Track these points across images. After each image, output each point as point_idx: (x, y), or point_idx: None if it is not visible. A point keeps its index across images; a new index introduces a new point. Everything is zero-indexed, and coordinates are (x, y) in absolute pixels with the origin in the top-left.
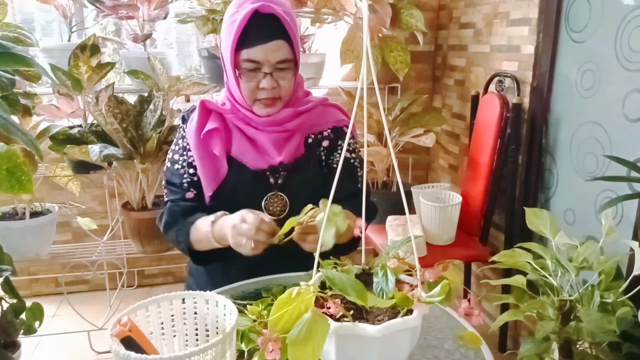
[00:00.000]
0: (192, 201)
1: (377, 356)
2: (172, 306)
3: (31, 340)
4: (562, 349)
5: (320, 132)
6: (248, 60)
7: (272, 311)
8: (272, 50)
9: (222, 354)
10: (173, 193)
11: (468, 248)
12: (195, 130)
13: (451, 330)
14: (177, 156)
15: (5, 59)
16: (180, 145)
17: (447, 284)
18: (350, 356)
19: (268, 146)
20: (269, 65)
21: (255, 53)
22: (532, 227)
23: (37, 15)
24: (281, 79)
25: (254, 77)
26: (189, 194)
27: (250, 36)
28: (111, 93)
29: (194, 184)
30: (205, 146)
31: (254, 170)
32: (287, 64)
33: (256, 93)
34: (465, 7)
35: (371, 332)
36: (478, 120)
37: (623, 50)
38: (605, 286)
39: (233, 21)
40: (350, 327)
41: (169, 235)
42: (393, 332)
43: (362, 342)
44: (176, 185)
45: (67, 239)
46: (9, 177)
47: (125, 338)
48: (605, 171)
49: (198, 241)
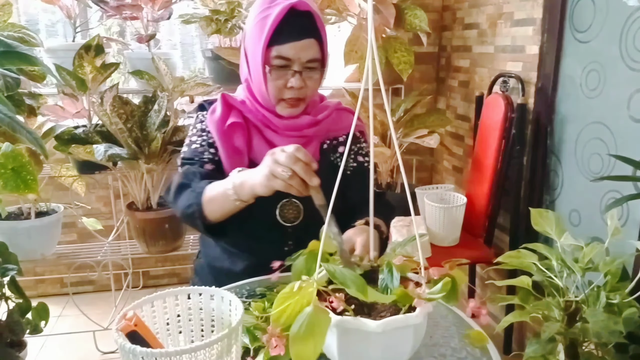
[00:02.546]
0: (211, 172)
1: (378, 352)
2: (178, 302)
3: (37, 340)
4: (568, 350)
5: (336, 137)
6: (278, 57)
7: (275, 305)
8: (303, 48)
9: (228, 349)
10: (190, 164)
11: (473, 249)
12: (219, 121)
13: (457, 329)
14: (195, 137)
15: (11, 58)
16: (198, 128)
17: (449, 282)
18: (351, 351)
19: None
20: (299, 64)
21: (286, 50)
22: (537, 228)
23: (41, 16)
24: (309, 79)
25: (283, 75)
26: (208, 165)
27: (284, 32)
28: (116, 93)
29: (214, 161)
30: (229, 138)
31: None
32: (316, 64)
33: (283, 92)
34: (469, 7)
35: (372, 327)
36: (482, 121)
37: (628, 50)
38: (611, 287)
39: (266, 16)
40: (352, 322)
41: (180, 200)
42: (394, 328)
43: (363, 337)
44: (194, 159)
45: (72, 239)
46: (15, 176)
47: (131, 332)
48: (610, 172)
49: (211, 200)
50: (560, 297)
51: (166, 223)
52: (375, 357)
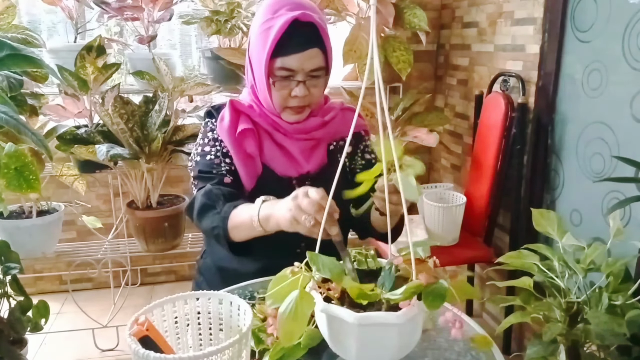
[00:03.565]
0: (230, 187)
1: (359, 344)
2: (187, 305)
3: (37, 338)
4: (570, 351)
5: (343, 138)
6: (282, 69)
7: (270, 287)
8: (307, 58)
9: (239, 353)
10: (209, 179)
11: (472, 249)
12: (229, 129)
13: (462, 333)
14: (208, 148)
15: (17, 61)
16: (210, 137)
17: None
18: (336, 338)
19: (297, 154)
20: (303, 74)
21: (290, 61)
22: (539, 228)
23: (43, 16)
24: (313, 87)
25: (287, 86)
26: (227, 179)
27: (287, 44)
28: (117, 94)
29: (231, 172)
30: (240, 145)
31: (281, 177)
32: (320, 72)
33: (288, 101)
34: (468, 6)
35: (349, 318)
36: (482, 120)
37: (631, 49)
38: (614, 288)
39: (268, 27)
40: (334, 310)
41: (204, 220)
42: (372, 324)
43: (345, 327)
44: (212, 173)
45: (71, 237)
46: (18, 176)
47: (143, 337)
48: (612, 172)
49: (236, 227)
50: (561, 298)
51: (166, 221)
52: (355, 348)
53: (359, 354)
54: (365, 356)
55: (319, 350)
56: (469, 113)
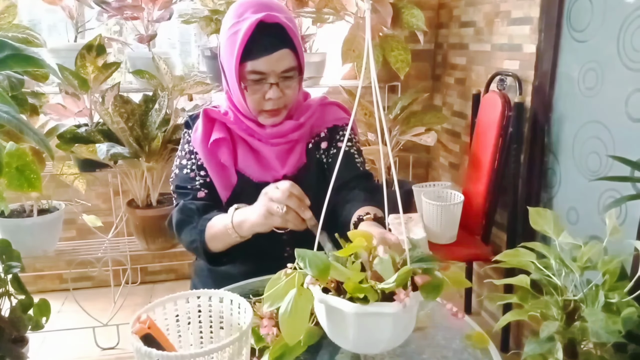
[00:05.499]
0: (204, 200)
1: (356, 333)
2: (188, 304)
3: (38, 336)
4: (567, 349)
5: (318, 134)
6: (253, 72)
7: (266, 289)
8: (277, 60)
9: (239, 351)
10: (184, 195)
11: (470, 247)
12: (202, 140)
13: (459, 330)
14: (185, 161)
15: (18, 61)
16: (187, 150)
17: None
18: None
19: (272, 159)
20: (275, 76)
21: (260, 65)
22: (536, 226)
23: (43, 16)
24: (287, 88)
25: (260, 89)
26: (200, 193)
27: (255, 48)
28: (117, 92)
29: (206, 184)
30: (214, 156)
31: (257, 183)
32: (293, 72)
33: (262, 104)
34: (465, 6)
35: (346, 308)
36: (479, 119)
37: (626, 49)
38: (610, 286)
39: (235, 32)
40: (332, 300)
41: (183, 235)
42: (368, 313)
43: (343, 317)
44: (187, 188)
45: (72, 235)
46: (19, 175)
47: (145, 335)
48: (608, 170)
49: (213, 237)
50: (558, 296)
51: (165, 220)
52: (352, 336)
53: (355, 342)
54: (362, 343)
55: (318, 347)
56: (467, 112)
